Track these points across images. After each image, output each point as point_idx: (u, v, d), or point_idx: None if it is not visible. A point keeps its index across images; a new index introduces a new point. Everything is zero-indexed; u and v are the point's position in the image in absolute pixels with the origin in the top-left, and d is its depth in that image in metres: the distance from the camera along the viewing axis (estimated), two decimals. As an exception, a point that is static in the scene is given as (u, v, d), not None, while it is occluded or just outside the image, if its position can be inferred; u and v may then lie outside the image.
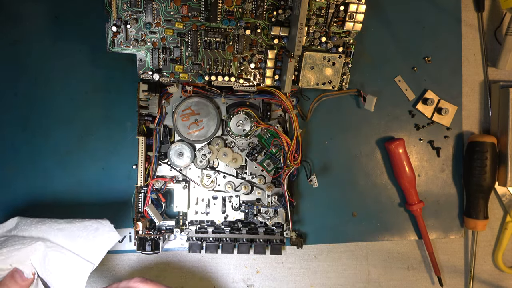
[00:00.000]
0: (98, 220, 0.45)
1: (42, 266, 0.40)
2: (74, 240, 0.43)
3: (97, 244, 0.44)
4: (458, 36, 0.54)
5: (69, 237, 0.42)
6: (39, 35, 0.48)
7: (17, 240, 0.40)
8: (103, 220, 0.45)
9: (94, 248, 0.43)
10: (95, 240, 0.43)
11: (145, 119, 0.47)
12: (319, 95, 0.51)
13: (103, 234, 0.44)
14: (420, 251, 0.56)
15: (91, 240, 0.43)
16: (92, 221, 0.44)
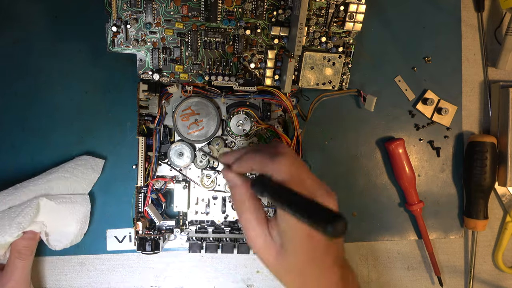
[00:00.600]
0: (77, 158, 0.48)
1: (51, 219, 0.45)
2: (66, 184, 0.47)
3: (88, 176, 0.48)
4: (458, 36, 0.54)
5: (60, 183, 0.46)
6: (39, 35, 0.48)
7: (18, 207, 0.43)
8: (82, 156, 0.49)
9: (86, 181, 0.48)
10: (84, 174, 0.48)
11: (145, 119, 0.47)
12: (319, 95, 0.51)
13: (89, 166, 0.48)
14: (420, 251, 0.56)
15: (82, 176, 0.48)
16: (72, 161, 0.48)
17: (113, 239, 0.51)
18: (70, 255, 0.51)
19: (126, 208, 0.50)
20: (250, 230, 0.36)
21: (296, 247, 0.34)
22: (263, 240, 0.35)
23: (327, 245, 0.34)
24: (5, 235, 0.41)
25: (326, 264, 0.35)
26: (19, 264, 0.44)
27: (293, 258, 0.35)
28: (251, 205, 0.36)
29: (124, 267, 0.52)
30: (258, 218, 0.36)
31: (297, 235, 0.34)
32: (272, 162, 0.34)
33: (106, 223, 0.51)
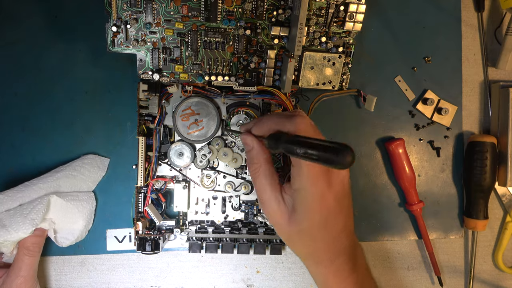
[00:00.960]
0: (84, 157, 0.49)
1: (59, 216, 0.46)
2: (74, 182, 0.48)
3: (94, 174, 0.49)
4: (458, 36, 0.54)
5: (68, 182, 0.47)
6: (39, 35, 0.48)
7: (29, 204, 0.44)
8: (88, 155, 0.49)
9: (92, 179, 0.49)
10: (91, 172, 0.49)
11: (145, 119, 0.47)
12: (319, 95, 0.51)
13: (95, 164, 0.49)
14: (420, 251, 0.56)
15: (88, 174, 0.49)
16: (79, 160, 0.49)
17: (113, 239, 0.51)
18: (70, 255, 0.51)
19: (126, 208, 0.50)
20: (264, 194, 0.37)
21: (308, 209, 0.35)
22: (276, 205, 0.36)
23: (338, 210, 0.36)
24: (19, 231, 0.42)
25: (336, 229, 0.36)
26: (27, 260, 0.44)
27: (305, 222, 0.35)
28: (266, 169, 0.37)
29: (124, 267, 0.52)
30: (272, 183, 0.37)
31: (310, 195, 0.35)
32: (289, 121, 0.35)
33: (106, 223, 0.51)
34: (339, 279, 0.37)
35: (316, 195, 0.35)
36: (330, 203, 0.35)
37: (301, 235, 0.36)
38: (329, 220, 0.35)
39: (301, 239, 0.37)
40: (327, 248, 0.36)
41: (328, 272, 0.37)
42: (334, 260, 0.37)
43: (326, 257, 0.37)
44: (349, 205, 0.38)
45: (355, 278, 0.37)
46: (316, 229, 0.36)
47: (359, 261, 0.38)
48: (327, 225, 0.36)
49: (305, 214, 0.35)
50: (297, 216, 0.36)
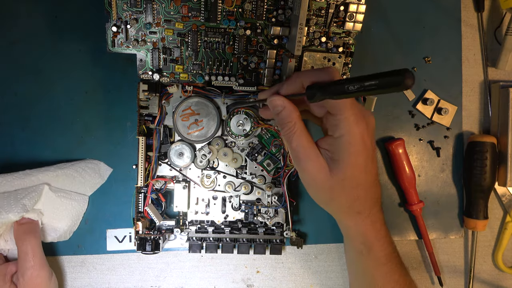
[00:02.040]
0: (87, 160, 0.49)
1: (47, 209, 0.46)
2: (72, 182, 0.48)
3: (93, 180, 0.49)
4: (458, 36, 0.54)
5: (67, 180, 0.47)
6: (39, 35, 0.48)
7: (24, 190, 0.45)
8: (92, 160, 0.49)
9: (90, 184, 0.49)
10: (91, 177, 0.49)
11: (145, 119, 0.47)
12: (319, 95, 0.50)
13: (97, 170, 0.49)
14: (420, 251, 0.56)
15: (88, 178, 0.49)
16: (83, 162, 0.49)
17: (113, 239, 0.51)
18: (70, 255, 0.51)
19: (126, 208, 0.50)
20: (303, 151, 0.38)
21: (353, 153, 0.36)
22: (315, 158, 0.37)
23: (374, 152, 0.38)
24: (9, 213, 0.42)
25: (373, 173, 0.38)
26: (26, 248, 0.44)
27: (349, 169, 0.36)
28: (301, 126, 0.37)
29: (124, 267, 0.52)
30: (309, 139, 0.38)
31: (354, 137, 0.35)
32: (322, 72, 0.36)
33: (106, 223, 0.51)
34: (375, 230, 0.40)
35: (360, 136, 0.35)
36: (369, 145, 0.36)
37: (345, 184, 0.37)
38: (368, 163, 0.37)
39: (344, 189, 0.37)
40: (366, 195, 0.38)
41: (366, 223, 0.39)
42: (371, 208, 0.39)
43: (366, 205, 0.38)
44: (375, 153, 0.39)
45: (386, 229, 0.41)
46: (359, 174, 0.37)
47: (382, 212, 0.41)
48: (367, 168, 0.37)
49: (349, 159, 0.36)
50: (340, 164, 0.36)
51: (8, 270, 0.45)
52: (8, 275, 0.44)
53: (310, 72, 0.37)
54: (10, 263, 0.45)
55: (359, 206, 0.39)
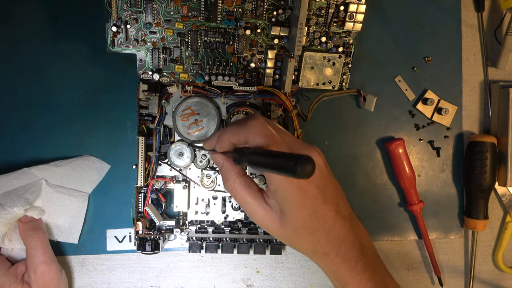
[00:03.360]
0: (84, 157, 0.49)
1: (48, 206, 0.47)
2: (69, 179, 0.48)
3: (91, 177, 0.49)
4: (458, 36, 0.54)
5: (64, 177, 0.48)
6: (39, 35, 0.48)
7: (24, 187, 0.46)
8: (89, 156, 0.49)
9: (88, 181, 0.49)
10: (89, 174, 0.49)
11: (145, 119, 0.47)
12: (319, 95, 0.51)
13: (93, 167, 0.49)
14: (420, 251, 0.56)
15: (85, 175, 0.49)
16: (79, 159, 0.49)
17: (113, 239, 0.51)
18: (70, 255, 0.51)
19: (126, 208, 0.50)
20: (248, 206, 0.37)
21: (293, 205, 0.34)
22: (263, 213, 0.36)
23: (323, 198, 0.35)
24: (13, 207, 0.43)
25: (329, 217, 0.35)
26: (36, 245, 0.44)
27: (296, 220, 0.35)
28: (241, 182, 0.36)
29: (124, 267, 0.52)
30: (252, 193, 0.36)
31: (288, 191, 0.34)
32: (243, 129, 0.35)
33: (106, 223, 0.51)
34: (348, 267, 0.36)
35: (294, 189, 0.34)
36: (312, 193, 0.34)
37: (298, 233, 0.36)
38: (318, 210, 0.35)
39: (299, 237, 0.36)
40: (328, 238, 0.36)
41: (336, 263, 0.37)
42: (339, 248, 0.36)
43: (329, 248, 0.36)
44: (335, 191, 0.37)
45: (365, 264, 0.37)
46: (310, 223, 0.35)
47: (366, 245, 0.38)
48: (317, 215, 0.35)
49: (293, 211, 0.34)
50: (287, 216, 0.35)
51: (18, 270, 0.45)
52: (19, 276, 0.45)
53: (232, 130, 0.36)
54: (19, 263, 0.46)
55: (323, 249, 0.36)
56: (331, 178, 0.37)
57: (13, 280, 0.44)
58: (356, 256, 0.36)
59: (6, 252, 0.47)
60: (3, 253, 0.46)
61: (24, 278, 0.44)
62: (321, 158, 0.36)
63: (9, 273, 0.44)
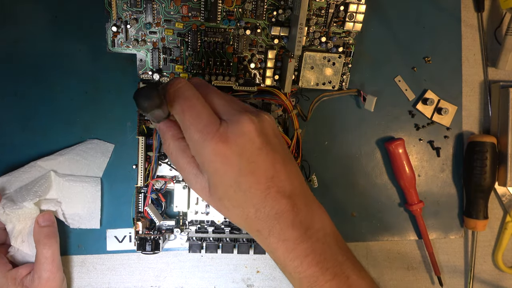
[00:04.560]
0: (87, 141, 0.49)
1: (62, 196, 0.47)
2: (78, 166, 0.48)
3: (97, 160, 0.49)
4: (458, 36, 0.54)
5: (72, 165, 0.48)
6: (39, 35, 0.48)
7: (33, 181, 0.46)
8: (91, 140, 0.49)
9: (96, 164, 0.49)
10: (95, 157, 0.49)
11: (145, 119, 0.47)
12: (319, 95, 0.51)
13: (98, 150, 0.49)
14: (420, 251, 0.56)
15: (91, 159, 0.49)
16: (82, 144, 0.49)
17: (113, 239, 0.51)
18: (70, 255, 0.51)
19: (126, 208, 0.50)
20: (181, 172, 0.35)
21: (211, 171, 0.32)
22: (194, 180, 0.34)
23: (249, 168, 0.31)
24: (24, 201, 0.44)
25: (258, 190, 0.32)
26: (47, 253, 0.45)
27: (217, 187, 0.32)
28: (175, 145, 0.35)
29: (124, 267, 0.52)
30: (186, 157, 0.34)
31: (206, 157, 0.31)
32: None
33: (106, 223, 0.51)
34: (285, 249, 0.32)
35: (212, 155, 0.31)
36: (235, 162, 0.31)
37: (224, 203, 0.33)
38: (242, 181, 0.31)
39: (227, 209, 0.33)
40: (257, 213, 0.32)
41: (271, 241, 0.33)
42: (272, 226, 0.32)
43: (261, 223, 0.32)
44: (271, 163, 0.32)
45: (308, 247, 0.32)
46: (233, 193, 0.32)
47: (315, 227, 0.33)
48: (242, 186, 0.31)
49: (213, 179, 0.32)
50: (211, 183, 0.32)
51: (18, 274, 0.45)
52: (18, 279, 0.45)
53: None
54: (20, 267, 0.46)
55: (254, 225, 0.33)
56: (268, 148, 0.32)
57: (12, 283, 0.44)
58: (296, 238, 0.32)
59: (13, 252, 0.46)
60: (9, 251, 0.46)
61: (24, 282, 0.45)
62: (253, 126, 0.32)
63: (8, 275, 0.44)
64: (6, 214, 0.44)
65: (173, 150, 0.35)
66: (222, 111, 0.33)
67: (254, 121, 0.32)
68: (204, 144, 0.31)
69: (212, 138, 0.31)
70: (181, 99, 0.32)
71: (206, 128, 0.31)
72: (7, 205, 0.44)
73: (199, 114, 0.32)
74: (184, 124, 0.32)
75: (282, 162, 0.33)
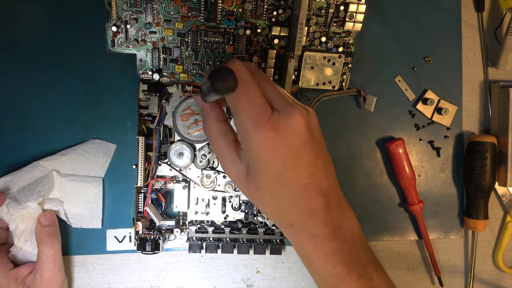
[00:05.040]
0: (88, 141, 0.49)
1: (64, 196, 0.48)
2: (80, 166, 0.48)
3: (99, 160, 0.49)
4: (458, 36, 0.54)
5: (74, 165, 0.48)
6: (39, 35, 0.48)
7: (36, 181, 0.47)
8: (93, 140, 0.49)
9: (98, 164, 0.49)
10: (97, 157, 0.49)
11: (145, 119, 0.47)
12: (319, 95, 0.51)
13: (100, 149, 0.49)
14: (420, 251, 0.56)
15: (93, 159, 0.49)
16: (84, 144, 0.49)
17: (113, 239, 0.51)
18: (70, 255, 0.51)
19: (126, 208, 0.50)
20: (219, 155, 0.35)
21: (257, 159, 0.31)
22: (232, 164, 0.34)
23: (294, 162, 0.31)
24: (27, 201, 0.44)
25: (299, 185, 0.32)
26: (49, 253, 0.45)
27: (260, 178, 0.32)
28: (217, 127, 0.34)
29: (124, 267, 0.52)
30: (226, 140, 0.34)
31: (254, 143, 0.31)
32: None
33: (106, 223, 0.51)
34: (315, 246, 0.33)
35: (261, 143, 0.31)
36: (282, 153, 0.31)
37: (261, 193, 0.33)
38: (285, 173, 0.31)
39: (263, 199, 0.33)
40: (293, 208, 0.32)
41: (301, 236, 0.33)
42: (305, 222, 0.32)
43: (296, 218, 0.32)
44: (314, 160, 0.32)
45: (337, 246, 0.33)
46: (273, 184, 0.32)
47: (345, 228, 0.33)
48: (284, 179, 0.31)
49: (257, 167, 0.31)
50: (251, 172, 0.32)
51: (19, 273, 0.45)
52: (19, 278, 0.45)
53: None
54: (21, 267, 0.46)
55: (287, 218, 0.33)
56: (312, 144, 0.32)
57: (13, 282, 0.44)
58: (326, 236, 0.32)
59: (14, 251, 0.47)
60: (11, 250, 0.46)
61: (25, 281, 0.45)
62: (303, 120, 0.32)
63: (10, 274, 0.44)
64: (10, 213, 0.44)
65: (214, 132, 0.34)
66: (275, 101, 0.32)
67: (304, 115, 0.32)
68: (254, 131, 0.31)
69: (263, 126, 0.31)
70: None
71: (259, 115, 0.31)
72: (11, 205, 0.44)
73: (253, 100, 0.31)
74: (236, 108, 0.32)
75: (322, 160, 0.33)
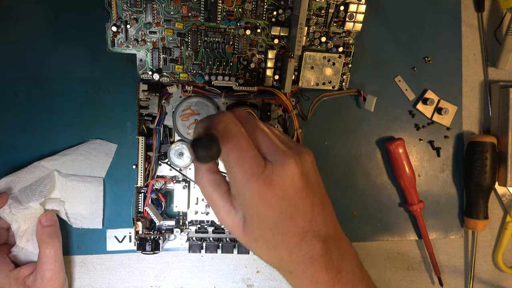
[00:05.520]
0: (90, 141, 0.50)
1: (65, 196, 0.48)
2: (81, 166, 0.49)
3: (100, 160, 0.49)
4: (458, 36, 0.54)
5: (75, 165, 0.49)
6: (39, 35, 0.48)
7: (37, 181, 0.47)
8: (94, 140, 0.50)
9: (99, 164, 0.49)
10: (98, 157, 0.49)
11: (145, 119, 0.47)
12: (319, 95, 0.51)
13: (101, 150, 0.50)
14: (420, 251, 0.56)
15: (94, 159, 0.49)
16: (85, 144, 0.49)
17: (113, 239, 0.51)
18: (70, 255, 0.51)
19: (126, 208, 0.50)
20: (212, 205, 0.34)
21: (251, 213, 0.31)
22: (226, 215, 0.33)
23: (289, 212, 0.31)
24: (29, 202, 0.44)
25: (295, 234, 0.31)
26: (50, 253, 0.45)
27: (256, 230, 0.32)
28: (209, 179, 0.34)
29: (124, 267, 0.52)
30: (219, 192, 0.34)
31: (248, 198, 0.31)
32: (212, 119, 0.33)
33: (106, 223, 0.51)
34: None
35: (254, 197, 0.30)
36: (277, 205, 0.30)
37: (259, 244, 0.33)
38: (282, 224, 0.31)
39: (261, 250, 0.33)
40: (292, 257, 0.32)
41: (303, 284, 0.33)
42: (305, 269, 0.32)
43: (295, 266, 0.32)
44: (310, 207, 0.32)
45: None
46: (270, 236, 0.31)
47: (345, 269, 0.33)
48: (279, 230, 0.31)
49: (252, 221, 0.31)
50: (247, 223, 0.32)
51: (20, 274, 0.45)
52: (20, 279, 0.45)
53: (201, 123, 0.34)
54: (22, 267, 0.46)
55: (288, 267, 0.33)
56: (308, 191, 0.32)
57: (14, 283, 0.44)
58: (327, 281, 0.32)
59: (16, 251, 0.46)
60: (13, 250, 0.46)
61: (26, 281, 0.45)
62: (296, 168, 0.31)
63: (11, 275, 0.44)
64: (12, 214, 0.44)
65: (206, 184, 0.34)
66: (267, 151, 0.32)
67: (298, 162, 0.31)
68: (247, 185, 0.30)
69: (256, 180, 0.30)
70: (227, 137, 0.31)
71: (251, 169, 0.30)
72: (13, 206, 0.44)
73: (245, 154, 0.31)
74: (228, 162, 0.31)
75: (320, 205, 0.33)
